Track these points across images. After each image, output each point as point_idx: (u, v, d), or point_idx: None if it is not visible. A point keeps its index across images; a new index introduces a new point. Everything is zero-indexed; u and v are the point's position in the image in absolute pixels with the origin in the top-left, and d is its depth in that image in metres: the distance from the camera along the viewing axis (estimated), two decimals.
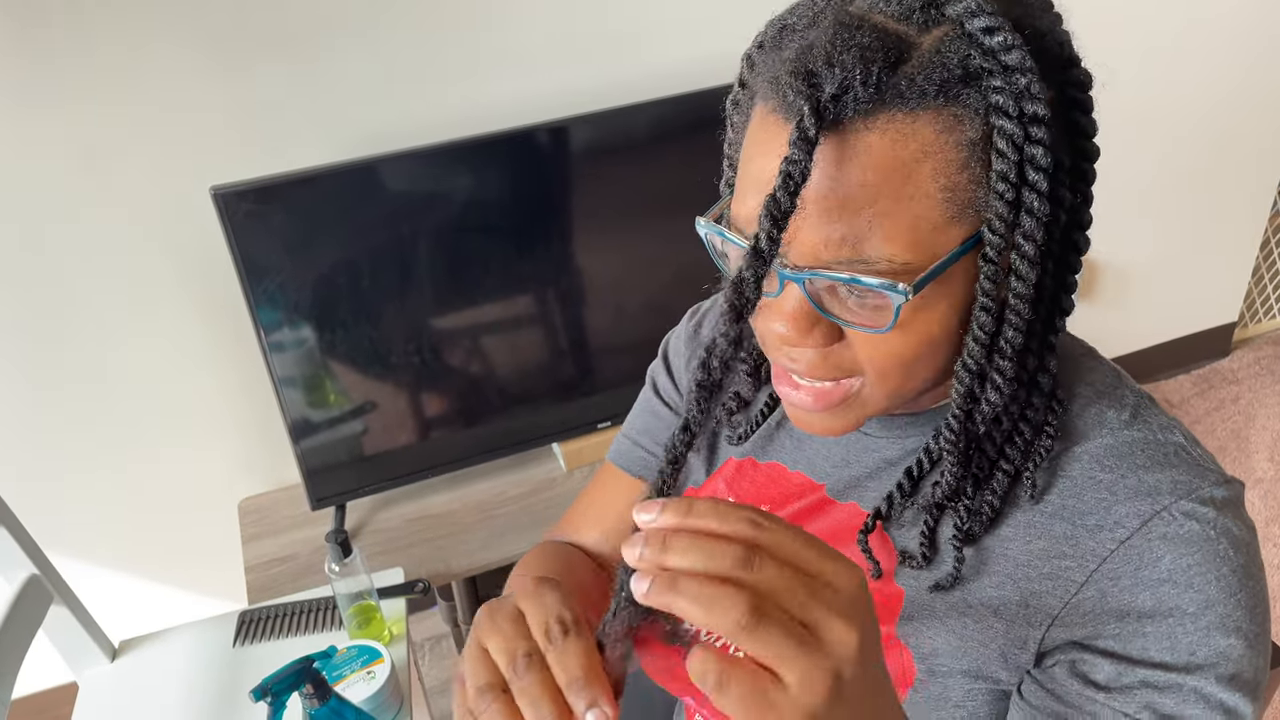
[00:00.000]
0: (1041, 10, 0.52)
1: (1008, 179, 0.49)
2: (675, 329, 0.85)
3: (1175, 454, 0.58)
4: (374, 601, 1.20)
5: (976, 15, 0.48)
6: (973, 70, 0.48)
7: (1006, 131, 0.48)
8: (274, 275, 1.38)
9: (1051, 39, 0.51)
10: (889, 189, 0.48)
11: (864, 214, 0.49)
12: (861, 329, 0.53)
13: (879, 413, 0.59)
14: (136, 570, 1.71)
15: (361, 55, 1.45)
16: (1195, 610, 0.55)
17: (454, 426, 1.63)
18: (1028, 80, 0.48)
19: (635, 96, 1.48)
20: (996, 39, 0.48)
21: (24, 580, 1.06)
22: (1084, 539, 0.57)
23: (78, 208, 1.40)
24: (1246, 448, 2.31)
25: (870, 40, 0.48)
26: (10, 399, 1.50)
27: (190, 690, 1.17)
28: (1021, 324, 0.53)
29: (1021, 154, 0.49)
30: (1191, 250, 2.38)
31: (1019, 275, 0.52)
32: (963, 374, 0.55)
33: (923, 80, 0.48)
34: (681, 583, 0.40)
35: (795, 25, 0.53)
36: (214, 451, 1.67)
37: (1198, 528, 0.56)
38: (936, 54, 0.48)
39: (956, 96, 0.48)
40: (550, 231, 1.53)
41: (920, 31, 0.49)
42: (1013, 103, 0.48)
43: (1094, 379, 0.63)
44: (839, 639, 0.39)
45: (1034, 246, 0.51)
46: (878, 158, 0.48)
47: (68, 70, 1.32)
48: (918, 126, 0.48)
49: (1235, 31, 2.07)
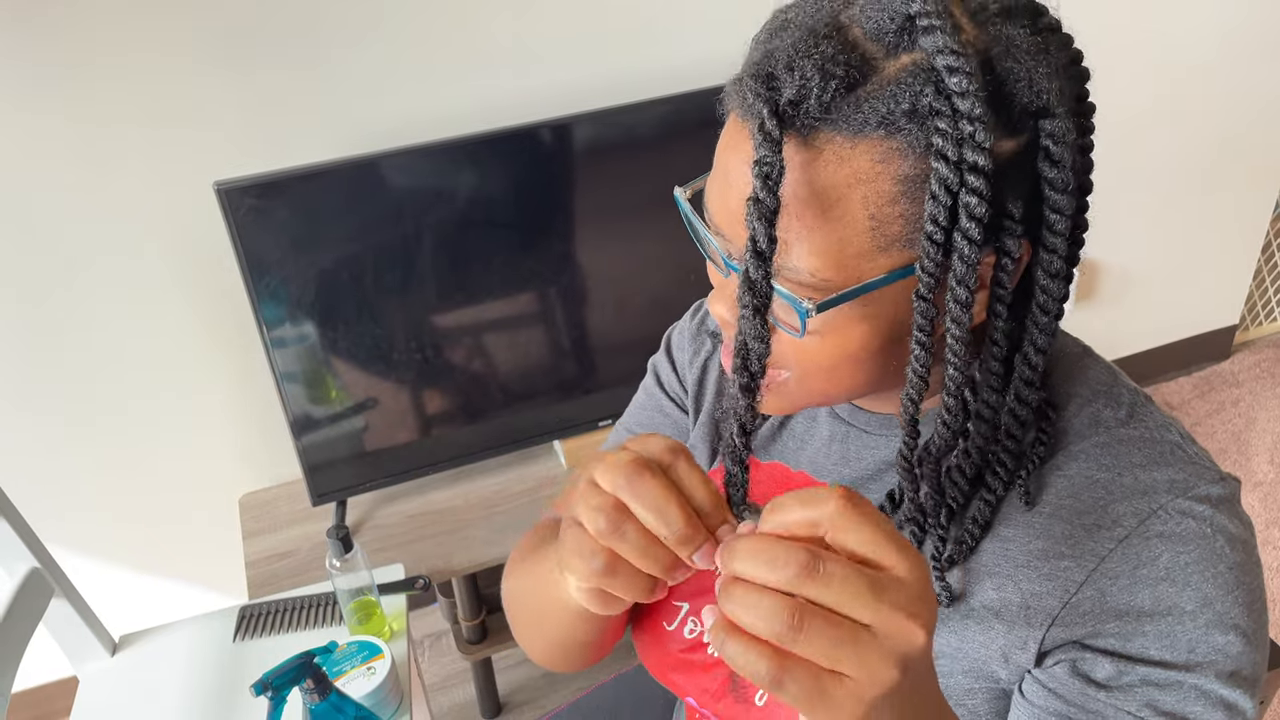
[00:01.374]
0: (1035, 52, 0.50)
1: (937, 222, 0.49)
2: (679, 323, 0.85)
3: (1172, 452, 0.59)
4: (374, 597, 1.20)
5: (944, 53, 0.47)
6: (921, 108, 0.48)
7: (941, 175, 0.48)
8: (277, 271, 1.38)
9: (1030, 86, 0.49)
10: (817, 207, 0.49)
11: (793, 225, 0.50)
12: (781, 327, 0.54)
13: (816, 404, 0.62)
14: (137, 564, 1.72)
15: (366, 51, 1.45)
16: (1193, 608, 0.55)
17: (455, 423, 1.63)
18: (974, 129, 0.47)
19: (639, 94, 1.48)
20: (954, 80, 0.47)
21: (25, 573, 1.06)
22: (1082, 538, 0.57)
23: (81, 203, 1.40)
24: (1247, 450, 2.30)
25: (834, 53, 0.48)
26: (13, 393, 1.50)
27: (191, 685, 1.17)
28: (959, 362, 0.53)
29: (955, 199, 0.48)
30: (1193, 252, 2.38)
31: (953, 317, 0.52)
32: (906, 403, 0.55)
33: (868, 109, 0.48)
34: (731, 589, 0.42)
35: (793, 20, 0.53)
36: (215, 446, 1.67)
37: (1194, 525, 0.56)
38: (894, 84, 0.48)
39: (898, 130, 0.48)
40: (553, 229, 1.53)
41: (887, 55, 0.49)
42: (953, 147, 0.47)
43: (1090, 378, 0.63)
44: (902, 633, 0.41)
45: (965, 291, 0.50)
46: (812, 175, 0.49)
47: (70, 66, 1.32)
48: (855, 153, 0.48)
49: (1237, 33, 2.07)
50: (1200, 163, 2.22)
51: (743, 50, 0.58)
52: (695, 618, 0.72)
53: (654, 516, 0.47)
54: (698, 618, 0.72)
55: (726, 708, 0.70)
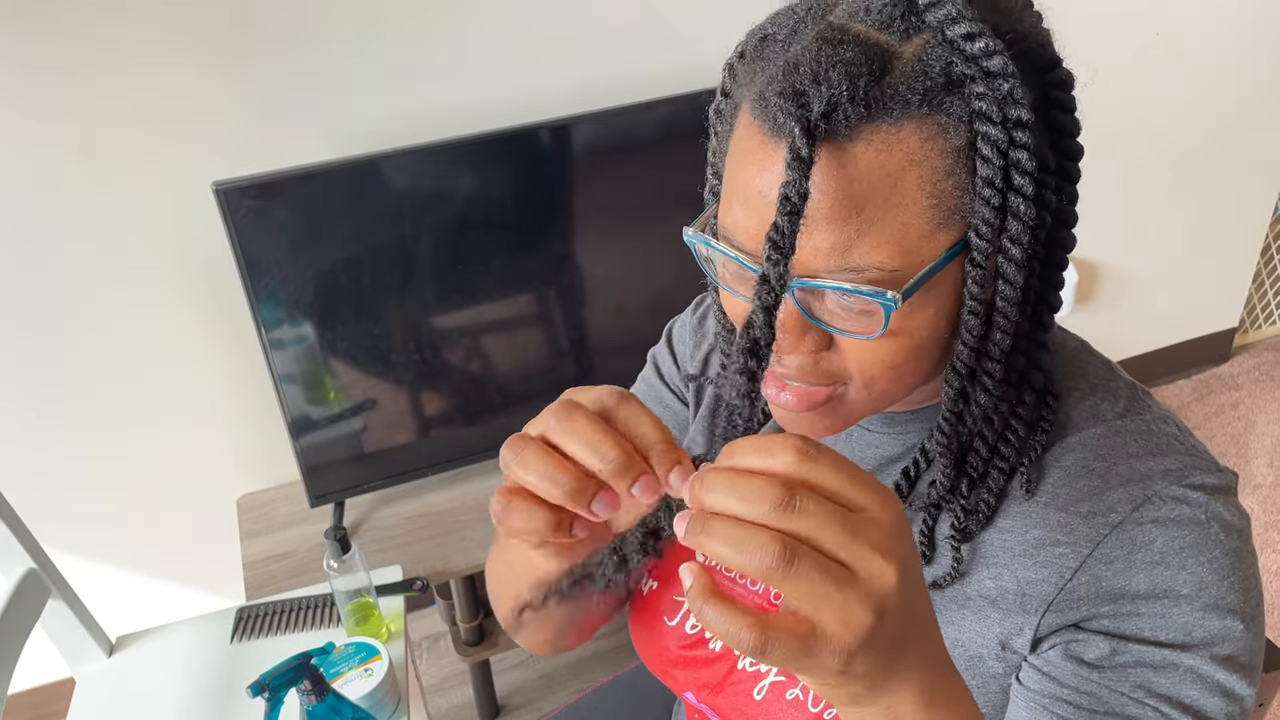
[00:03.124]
0: (1021, 12, 0.53)
1: (993, 184, 0.49)
2: (680, 316, 0.85)
3: (1169, 443, 0.59)
4: (372, 599, 1.19)
5: (957, 22, 0.48)
6: (955, 77, 0.48)
7: (991, 137, 0.48)
8: (275, 271, 1.38)
9: (1033, 40, 0.52)
10: (876, 198, 0.48)
11: (851, 223, 0.49)
12: (851, 336, 0.53)
13: (866, 415, 0.60)
14: (134, 565, 1.71)
15: (365, 52, 1.45)
16: (1189, 592, 0.55)
17: (454, 425, 1.63)
18: (1010, 85, 0.48)
19: (638, 95, 1.48)
20: (978, 45, 0.48)
21: (21, 574, 1.06)
22: (1078, 525, 0.58)
23: (79, 203, 1.40)
24: (1246, 453, 2.30)
25: (854, 54, 0.48)
26: (10, 394, 1.50)
27: (188, 686, 1.17)
28: (1009, 326, 0.54)
29: (1006, 159, 0.49)
30: (1192, 255, 2.38)
31: (1006, 279, 0.52)
32: (952, 377, 0.56)
33: (906, 90, 0.48)
34: (712, 524, 0.40)
35: (776, 35, 0.53)
36: (213, 447, 1.66)
37: (1189, 511, 0.56)
38: (919, 63, 0.48)
39: (940, 105, 0.48)
40: (552, 230, 1.53)
41: (901, 40, 0.49)
42: (996, 109, 0.48)
43: (1088, 372, 0.63)
44: (877, 574, 0.39)
45: (1020, 250, 0.51)
46: (864, 168, 0.48)
47: (69, 66, 1.31)
48: (903, 136, 0.48)
49: (1237, 35, 2.07)
50: (1199, 165, 2.23)
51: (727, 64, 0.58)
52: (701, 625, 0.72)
53: (583, 449, 0.45)
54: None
55: (726, 701, 0.70)
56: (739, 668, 0.70)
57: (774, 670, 0.67)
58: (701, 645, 0.72)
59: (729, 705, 0.70)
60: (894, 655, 0.42)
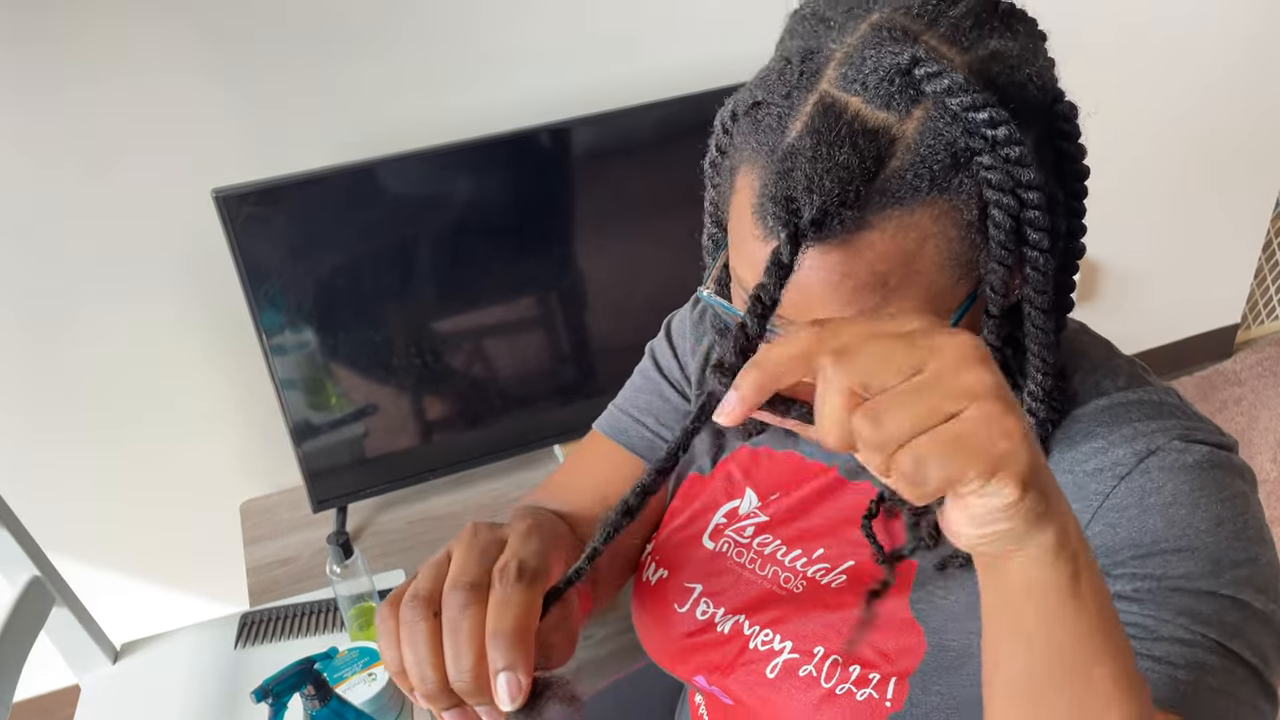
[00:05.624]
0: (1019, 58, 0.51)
1: (1007, 248, 0.50)
2: (680, 311, 0.86)
3: (1170, 411, 0.61)
4: (375, 603, 1.19)
5: (954, 93, 0.48)
6: (960, 153, 0.49)
7: (1003, 204, 0.49)
8: (276, 278, 1.38)
9: (1033, 84, 0.51)
10: (896, 272, 0.50)
11: (876, 292, 0.51)
12: None
13: None
14: (138, 572, 1.71)
15: (364, 57, 1.45)
16: (1208, 526, 0.55)
17: (455, 429, 1.63)
18: (1019, 152, 0.48)
19: (638, 98, 1.48)
20: (981, 115, 0.48)
21: (26, 582, 1.06)
22: (1086, 483, 0.59)
23: (79, 209, 1.40)
24: (1249, 450, 2.30)
25: (848, 155, 0.48)
26: (12, 401, 1.50)
27: (192, 692, 1.17)
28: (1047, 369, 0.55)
29: (1019, 220, 0.50)
30: (1194, 252, 2.37)
31: (1034, 324, 0.54)
32: None
33: (913, 177, 0.48)
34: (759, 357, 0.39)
35: (770, 101, 0.52)
36: (215, 453, 1.67)
37: (1193, 459, 0.57)
38: (923, 144, 0.48)
39: (949, 185, 0.49)
40: (552, 234, 1.53)
41: (902, 118, 0.49)
42: (1006, 178, 0.48)
43: (1089, 352, 0.65)
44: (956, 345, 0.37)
45: (1044, 297, 0.53)
46: (880, 251, 0.49)
47: (68, 72, 1.32)
48: (916, 219, 0.49)
49: (1237, 32, 2.06)
50: (1201, 161, 2.22)
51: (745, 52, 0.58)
52: (708, 599, 0.73)
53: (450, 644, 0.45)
54: (710, 599, 0.73)
55: (737, 682, 0.70)
56: (750, 647, 0.70)
57: (788, 648, 0.68)
58: (711, 629, 0.72)
59: (740, 686, 0.70)
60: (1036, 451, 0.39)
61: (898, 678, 0.63)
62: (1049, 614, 0.42)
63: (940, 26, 0.50)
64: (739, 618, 0.71)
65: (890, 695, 0.63)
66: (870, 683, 0.64)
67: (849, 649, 0.64)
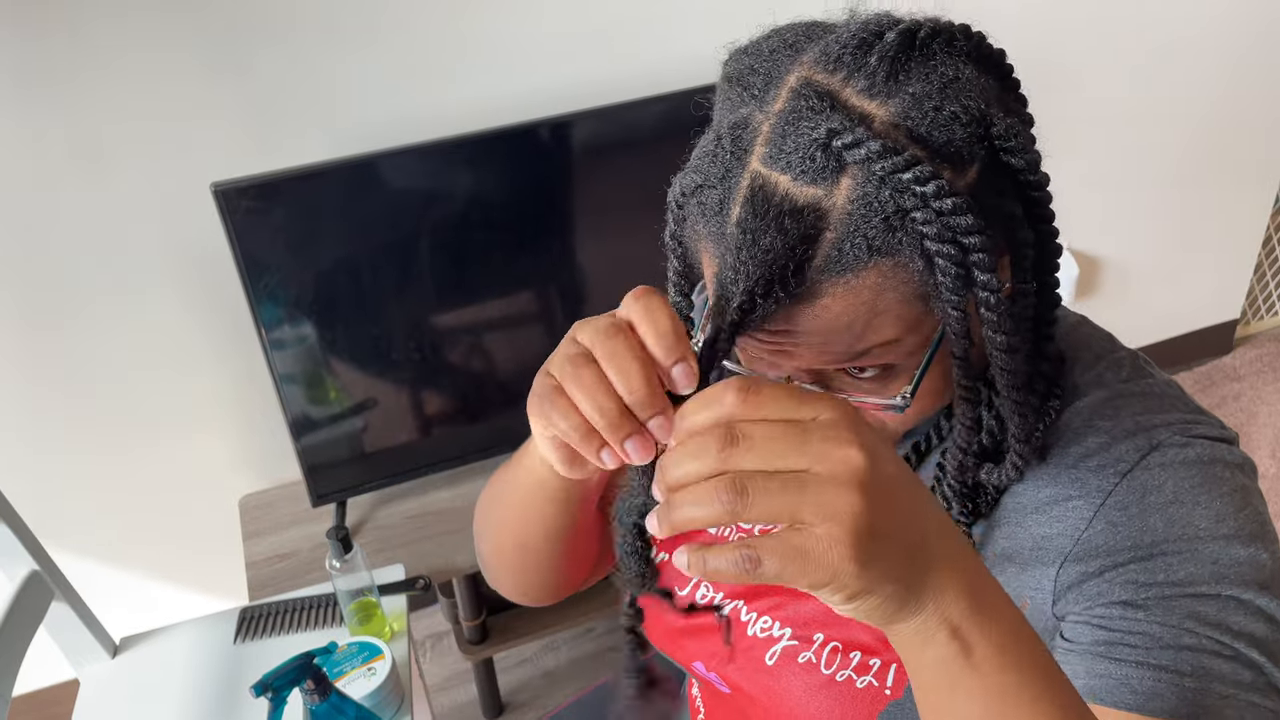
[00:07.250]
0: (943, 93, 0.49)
1: (958, 293, 0.50)
2: None
3: (1172, 403, 0.61)
4: (375, 598, 1.19)
5: (875, 159, 0.47)
6: (893, 216, 0.48)
7: (945, 254, 0.48)
8: (275, 272, 1.37)
9: (961, 120, 0.49)
10: (861, 318, 0.51)
11: (849, 334, 0.52)
12: (872, 401, 0.57)
13: None
14: (137, 567, 1.71)
15: (363, 50, 1.44)
16: (1208, 525, 0.56)
17: (455, 423, 1.63)
18: (952, 203, 0.47)
19: (638, 92, 1.48)
20: (906, 175, 0.47)
21: (25, 576, 1.06)
22: (1089, 478, 0.59)
23: (78, 203, 1.40)
24: (1249, 445, 2.30)
25: (772, 239, 0.48)
26: (11, 395, 1.50)
27: (191, 686, 1.17)
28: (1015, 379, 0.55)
29: (965, 265, 0.49)
30: (1193, 247, 2.37)
31: (998, 364, 0.54)
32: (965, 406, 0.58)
33: (850, 247, 0.49)
34: (674, 500, 0.41)
35: (708, 182, 0.52)
36: (215, 448, 1.66)
37: (1194, 454, 0.57)
38: (855, 214, 0.48)
39: (889, 247, 0.49)
40: (552, 228, 1.53)
41: (830, 191, 0.48)
42: (943, 229, 0.48)
43: (1091, 344, 0.66)
44: (840, 460, 0.40)
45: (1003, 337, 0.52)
46: (838, 309, 0.51)
47: (67, 66, 1.31)
48: (863, 281, 0.50)
49: (1236, 28, 2.06)
50: (1200, 157, 2.22)
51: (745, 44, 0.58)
52: (709, 582, 0.73)
53: (617, 374, 0.46)
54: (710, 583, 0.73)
55: (736, 669, 0.70)
56: (749, 634, 0.70)
57: (787, 635, 0.68)
58: (712, 614, 0.72)
59: (739, 673, 0.70)
60: (913, 548, 0.42)
61: (898, 664, 0.63)
62: (949, 681, 0.44)
63: (858, 80, 0.49)
64: (738, 603, 0.72)
65: (890, 682, 0.63)
66: (871, 669, 0.64)
67: None
